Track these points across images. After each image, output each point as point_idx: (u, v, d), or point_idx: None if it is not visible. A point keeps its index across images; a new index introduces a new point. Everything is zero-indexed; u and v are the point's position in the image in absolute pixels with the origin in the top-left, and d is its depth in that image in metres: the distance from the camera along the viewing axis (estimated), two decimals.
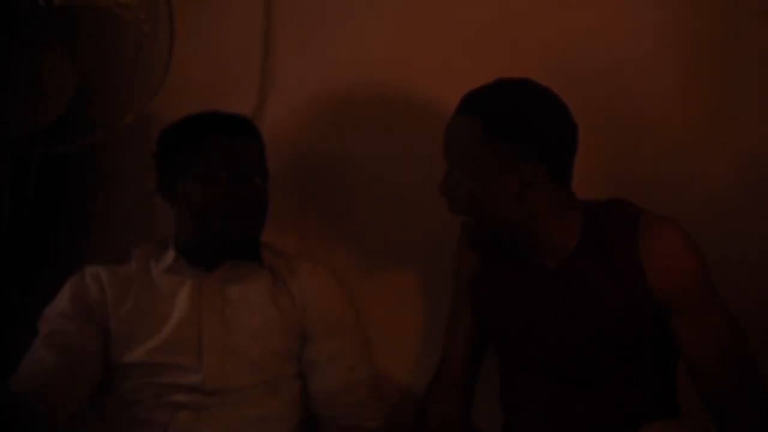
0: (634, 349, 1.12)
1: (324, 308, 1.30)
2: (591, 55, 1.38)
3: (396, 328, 1.48)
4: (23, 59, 1.41)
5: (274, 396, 1.25)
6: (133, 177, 1.57)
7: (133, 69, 1.55)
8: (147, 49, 1.43)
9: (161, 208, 1.35)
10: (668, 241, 1.08)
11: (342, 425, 1.27)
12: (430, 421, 1.30)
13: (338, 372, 1.28)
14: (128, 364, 1.22)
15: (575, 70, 1.37)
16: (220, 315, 1.25)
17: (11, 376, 1.17)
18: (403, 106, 1.45)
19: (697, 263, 1.08)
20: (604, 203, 1.17)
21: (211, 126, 1.30)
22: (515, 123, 1.09)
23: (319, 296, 1.30)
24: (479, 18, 1.43)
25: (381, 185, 1.48)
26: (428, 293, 1.46)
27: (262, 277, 1.30)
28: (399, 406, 1.44)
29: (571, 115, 1.13)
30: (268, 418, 1.23)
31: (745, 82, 1.33)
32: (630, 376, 1.13)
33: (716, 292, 1.10)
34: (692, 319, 1.07)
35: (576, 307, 1.13)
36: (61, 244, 1.62)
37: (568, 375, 1.15)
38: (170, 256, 1.29)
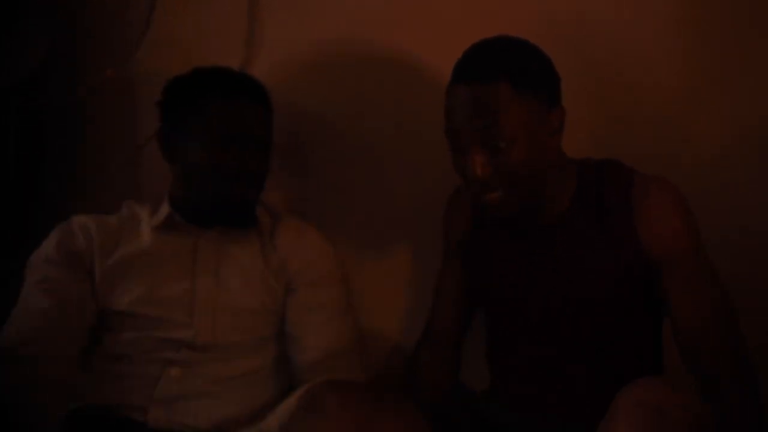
0: (623, 311, 1.13)
1: (307, 263, 1.30)
2: (585, 19, 1.36)
3: (386, 285, 1.48)
4: None
5: (260, 353, 1.26)
6: (116, 136, 1.53)
7: (113, 23, 1.52)
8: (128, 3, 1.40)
9: (146, 168, 1.33)
10: (662, 203, 1.09)
11: (320, 375, 1.25)
12: (420, 378, 1.30)
13: (321, 322, 1.28)
14: (117, 314, 1.22)
15: (569, 33, 1.35)
16: (215, 274, 1.25)
17: (4, 326, 1.18)
18: (396, 65, 1.42)
19: (688, 224, 1.09)
20: (598, 162, 1.17)
21: (217, 86, 1.26)
22: (534, 72, 1.08)
23: (302, 251, 1.30)
24: None
25: (372, 145, 1.47)
26: (419, 252, 1.46)
27: (256, 237, 1.31)
28: (388, 363, 1.45)
29: None
30: (255, 372, 1.24)
31: (742, 46, 1.32)
32: (619, 338, 1.14)
33: (706, 255, 1.11)
34: (683, 281, 1.08)
35: (567, 266, 1.13)
36: (44, 205, 1.59)
37: (556, 336, 1.15)
38: (164, 211, 1.28)
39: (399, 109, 1.45)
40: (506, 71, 1.06)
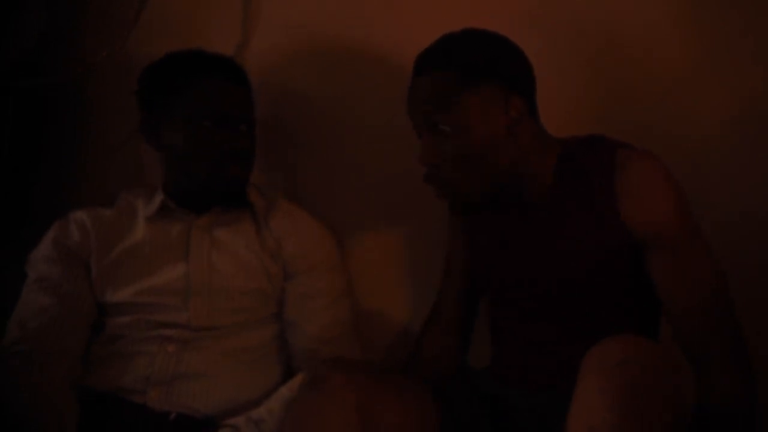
0: (611, 290, 1.11)
1: (302, 249, 1.30)
2: None
3: (391, 267, 1.47)
4: None
5: (259, 331, 1.27)
6: (115, 117, 1.52)
7: (109, 3, 1.51)
8: None
9: (147, 148, 1.32)
10: (642, 176, 1.06)
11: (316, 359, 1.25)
12: (424, 360, 1.30)
13: (319, 308, 1.28)
14: (114, 304, 1.23)
15: (566, 10, 1.34)
16: (207, 259, 1.26)
17: (9, 321, 1.19)
18: (393, 47, 1.41)
19: (674, 199, 1.06)
20: (583, 139, 1.15)
21: (196, 68, 1.26)
22: (488, 61, 1.09)
23: (296, 236, 1.30)
24: None
25: (370, 126, 1.46)
26: (423, 233, 1.45)
27: (250, 219, 1.31)
28: (390, 345, 1.45)
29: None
30: (253, 350, 1.25)
31: (741, 22, 1.31)
32: (612, 316, 1.12)
33: (698, 231, 1.08)
34: (671, 258, 1.06)
35: (548, 246, 1.12)
36: (43, 189, 1.58)
37: (547, 315, 1.14)
38: (158, 199, 1.29)
39: (396, 91, 1.43)
40: (451, 61, 1.10)
